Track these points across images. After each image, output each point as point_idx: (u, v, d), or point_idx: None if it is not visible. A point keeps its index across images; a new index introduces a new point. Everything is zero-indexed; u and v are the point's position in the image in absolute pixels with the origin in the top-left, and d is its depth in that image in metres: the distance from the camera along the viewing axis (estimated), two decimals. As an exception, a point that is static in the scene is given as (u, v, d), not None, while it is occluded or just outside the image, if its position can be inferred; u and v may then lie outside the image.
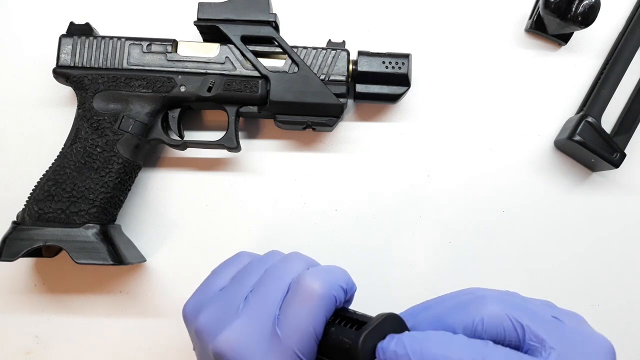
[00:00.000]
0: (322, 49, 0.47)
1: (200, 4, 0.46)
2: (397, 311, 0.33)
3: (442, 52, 0.52)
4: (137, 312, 0.48)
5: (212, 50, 0.47)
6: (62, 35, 0.46)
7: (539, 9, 0.49)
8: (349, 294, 0.34)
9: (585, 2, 0.48)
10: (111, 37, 0.46)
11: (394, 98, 0.48)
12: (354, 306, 0.35)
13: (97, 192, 0.44)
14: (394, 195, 0.50)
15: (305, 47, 0.47)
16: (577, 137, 0.47)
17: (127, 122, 0.45)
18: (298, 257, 0.36)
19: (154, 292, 0.49)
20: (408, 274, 0.49)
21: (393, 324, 0.31)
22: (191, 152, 0.50)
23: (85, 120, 0.45)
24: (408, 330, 0.31)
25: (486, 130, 0.51)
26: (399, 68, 0.47)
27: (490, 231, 0.50)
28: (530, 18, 0.52)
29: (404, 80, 0.48)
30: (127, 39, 0.46)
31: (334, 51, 0.47)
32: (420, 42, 0.52)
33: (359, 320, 0.31)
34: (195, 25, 0.46)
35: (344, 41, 0.48)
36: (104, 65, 0.46)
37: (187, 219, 0.49)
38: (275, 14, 0.47)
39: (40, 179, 0.45)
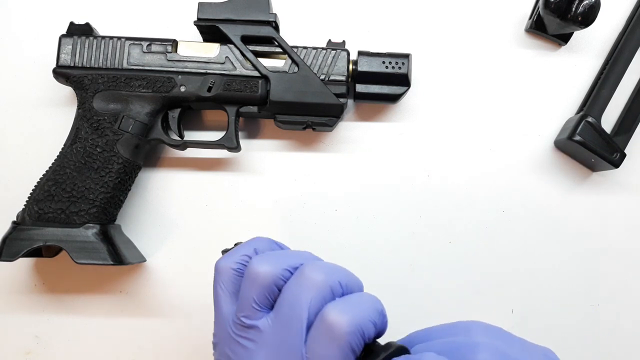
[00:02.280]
0: (322, 49, 0.47)
1: (200, 4, 0.46)
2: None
3: (442, 52, 0.52)
4: (137, 312, 0.48)
5: (212, 50, 0.47)
6: (62, 35, 0.46)
7: (539, 9, 0.49)
8: (379, 328, 0.32)
9: (585, 2, 0.48)
10: (111, 37, 0.46)
11: (394, 98, 0.48)
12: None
13: (97, 192, 0.44)
14: (394, 196, 0.50)
15: (305, 47, 0.47)
16: (577, 137, 0.47)
17: (127, 122, 0.45)
18: (314, 271, 0.33)
19: (154, 292, 0.49)
20: (408, 274, 0.49)
21: (399, 354, 0.31)
22: (191, 152, 0.50)
23: (85, 120, 0.45)
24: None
25: (486, 130, 0.51)
26: (399, 68, 0.47)
27: (490, 231, 0.50)
28: (530, 18, 0.52)
29: (404, 80, 0.48)
30: (127, 39, 0.46)
31: (334, 51, 0.47)
32: (420, 42, 0.52)
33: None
34: (195, 25, 0.46)
35: (344, 41, 0.48)
36: (104, 65, 0.46)
37: (187, 219, 0.49)
38: (275, 14, 0.47)
39: (40, 179, 0.45)
